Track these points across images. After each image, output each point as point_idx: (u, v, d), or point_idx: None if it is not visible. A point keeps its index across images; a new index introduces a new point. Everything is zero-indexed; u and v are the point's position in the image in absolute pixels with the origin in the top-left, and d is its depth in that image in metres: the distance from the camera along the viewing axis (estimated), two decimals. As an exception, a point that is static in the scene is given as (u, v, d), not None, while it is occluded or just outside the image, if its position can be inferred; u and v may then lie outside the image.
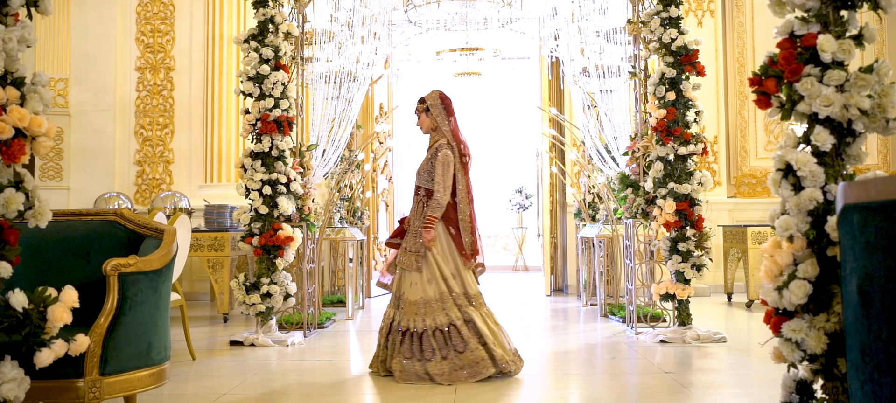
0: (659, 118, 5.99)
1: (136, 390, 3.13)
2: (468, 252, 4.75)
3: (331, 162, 6.75)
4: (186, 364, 5.09)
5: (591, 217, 8.61)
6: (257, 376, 4.73)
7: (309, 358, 5.41)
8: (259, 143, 5.98)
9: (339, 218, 8.38)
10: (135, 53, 10.11)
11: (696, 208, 5.95)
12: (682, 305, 6.05)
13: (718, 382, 4.45)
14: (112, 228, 3.49)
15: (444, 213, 4.73)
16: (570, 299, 9.37)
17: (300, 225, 6.26)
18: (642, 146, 6.31)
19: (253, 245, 5.95)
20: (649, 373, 4.74)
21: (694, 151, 5.94)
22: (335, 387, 4.46)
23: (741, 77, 10.40)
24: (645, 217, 6.22)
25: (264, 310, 5.94)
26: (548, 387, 4.46)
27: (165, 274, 3.25)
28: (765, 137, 10.35)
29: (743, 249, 8.31)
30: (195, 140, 9.94)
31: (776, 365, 2.62)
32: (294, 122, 6.18)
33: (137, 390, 3.14)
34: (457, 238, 4.75)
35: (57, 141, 9.89)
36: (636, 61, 6.49)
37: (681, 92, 5.98)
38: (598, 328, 6.85)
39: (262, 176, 5.95)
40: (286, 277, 6.01)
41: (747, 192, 10.25)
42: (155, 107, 10.08)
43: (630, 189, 6.37)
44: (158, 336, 3.23)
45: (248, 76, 6.02)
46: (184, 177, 9.95)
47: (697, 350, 5.51)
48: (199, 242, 7.44)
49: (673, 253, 5.97)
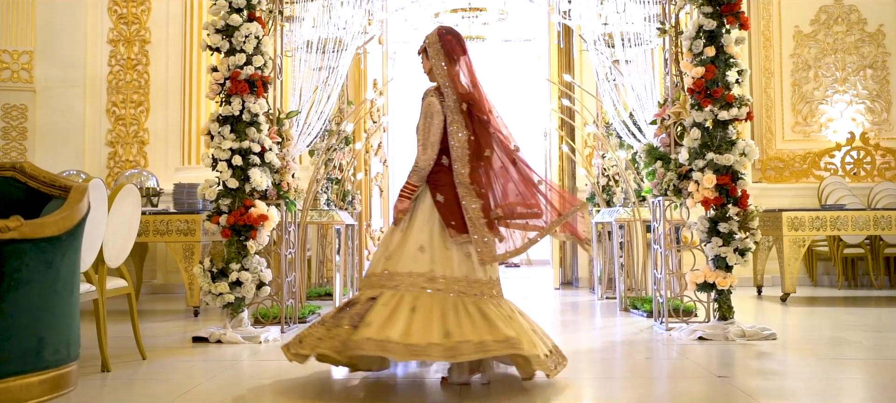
0: (696, 77, 5.12)
1: (21, 402, 2.26)
2: (459, 224, 3.71)
3: (314, 131, 5.87)
4: (133, 364, 4.22)
5: (606, 201, 7.75)
6: (215, 380, 3.86)
7: (284, 358, 4.53)
8: (228, 106, 5.11)
9: (326, 200, 7.51)
10: (107, 24, 9.25)
11: (740, 182, 5.08)
12: (722, 296, 5.18)
13: (788, 389, 3.58)
14: (6, 186, 2.63)
15: (434, 177, 3.81)
16: (581, 292, 8.51)
17: (277, 203, 5.40)
18: (674, 112, 5.44)
19: (220, 224, 5.08)
20: (697, 377, 3.87)
21: (737, 116, 5.08)
22: (315, 393, 3.59)
23: (767, 52, 9.56)
24: (677, 194, 5.35)
25: (234, 302, 5.07)
26: (576, 396, 3.58)
27: (67, 245, 2.38)
28: (792, 118, 9.49)
29: (776, 236, 7.45)
30: (172, 119, 9.09)
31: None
32: (270, 83, 5.31)
33: (24, 402, 2.27)
34: (444, 206, 3.75)
35: (20, 119, 9.02)
36: (666, 15, 5.62)
37: (721, 47, 5.11)
38: (620, 323, 5.99)
39: (231, 143, 5.08)
40: (260, 263, 5.14)
41: (774, 177, 9.40)
42: (128, 84, 9.23)
43: (659, 162, 5.50)
44: (56, 328, 2.36)
45: (216, 27, 5.15)
46: (160, 159, 9.10)
47: (744, 348, 4.65)
48: (167, 226, 6.58)
49: (712, 235, 5.11)
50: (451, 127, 3.80)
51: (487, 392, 3.45)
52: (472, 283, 3.66)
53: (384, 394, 3.55)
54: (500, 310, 3.63)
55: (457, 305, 3.56)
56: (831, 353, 4.59)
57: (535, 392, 3.46)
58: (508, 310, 3.69)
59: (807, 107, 9.49)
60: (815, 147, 9.38)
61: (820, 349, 4.75)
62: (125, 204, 4.06)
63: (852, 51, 9.46)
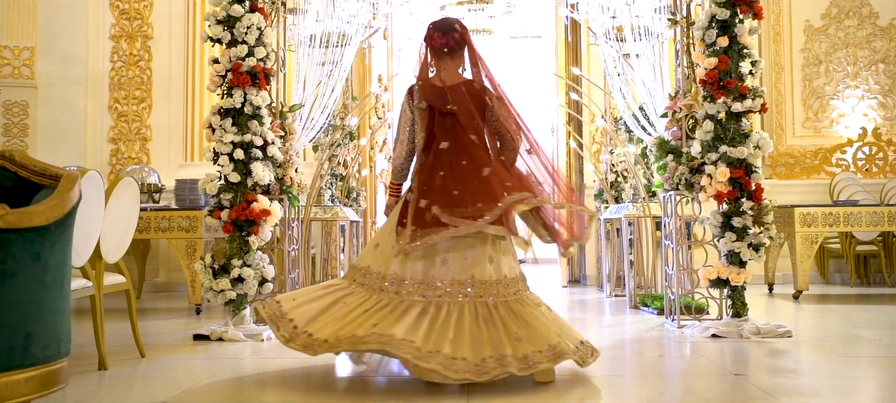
0: (708, 68, 4.99)
1: (5, 400, 2.15)
2: (405, 221, 3.62)
3: (318, 126, 5.76)
4: (131, 363, 4.11)
5: (615, 198, 7.62)
6: (215, 378, 3.75)
7: (287, 355, 4.43)
8: (229, 98, 4.99)
9: (331, 197, 7.39)
10: (109, 20, 9.15)
11: (754, 176, 4.95)
12: (735, 293, 5.05)
13: (808, 387, 3.44)
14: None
15: (418, 176, 3.76)
16: (588, 290, 8.39)
17: (280, 198, 5.28)
18: (685, 105, 5.31)
19: (222, 220, 4.97)
20: (713, 374, 3.75)
21: (751, 108, 4.95)
22: (318, 390, 3.47)
23: (777, 47, 9.42)
24: (689, 188, 5.22)
25: (235, 298, 4.96)
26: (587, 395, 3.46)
27: (56, 236, 2.27)
28: (803, 113, 9.36)
29: (788, 233, 7.31)
30: (175, 115, 8.98)
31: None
32: (272, 76, 5.19)
33: (9, 400, 2.16)
34: (404, 205, 3.72)
35: (21, 116, 8.93)
36: (677, 6, 5.49)
37: (735, 36, 4.98)
38: (630, 320, 5.86)
39: (232, 137, 4.96)
40: (262, 259, 5.02)
41: (784, 173, 9.26)
42: (131, 80, 9.13)
43: (670, 156, 5.36)
44: (44, 323, 2.25)
45: (217, 18, 5.04)
46: (162, 156, 9.00)
47: (759, 346, 4.52)
48: (169, 223, 6.47)
49: (725, 230, 4.98)
50: (416, 125, 3.86)
51: (495, 389, 3.33)
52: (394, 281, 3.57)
53: (389, 391, 3.43)
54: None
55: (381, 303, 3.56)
56: (849, 351, 4.46)
57: (545, 391, 3.34)
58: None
59: (818, 103, 9.35)
60: (826, 143, 9.24)
61: (837, 346, 4.62)
62: (123, 197, 3.95)
63: (864, 45, 9.31)
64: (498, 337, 3.31)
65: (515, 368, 3.22)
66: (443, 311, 3.41)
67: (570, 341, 3.48)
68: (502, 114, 3.84)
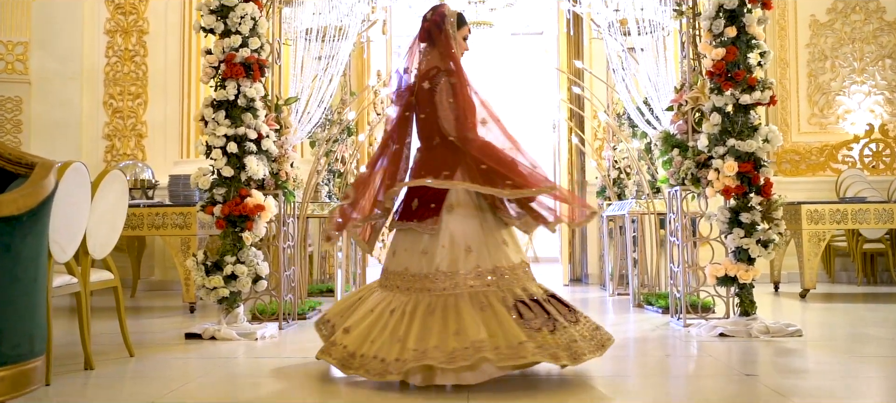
0: (715, 59, 4.85)
1: (-27, 402, 2.01)
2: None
3: (314, 119, 5.62)
4: (120, 362, 3.96)
5: (617, 194, 7.48)
6: (205, 378, 3.60)
7: (281, 354, 4.29)
8: (222, 90, 4.85)
9: (328, 193, 7.25)
10: (104, 15, 9.00)
11: (762, 170, 4.81)
12: (743, 290, 4.91)
13: (824, 388, 3.30)
14: (-33, 164, 2.37)
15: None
16: (591, 289, 8.25)
17: (275, 193, 5.14)
18: (691, 97, 5.17)
19: (214, 215, 4.83)
20: (722, 375, 3.60)
21: (760, 100, 4.80)
22: (315, 393, 3.33)
23: (782, 41, 9.27)
24: (695, 183, 5.08)
25: (228, 296, 4.81)
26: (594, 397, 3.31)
27: (28, 227, 2.13)
28: (808, 109, 9.20)
29: (795, 230, 7.16)
30: (170, 112, 8.84)
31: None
32: (267, 67, 5.04)
33: (-23, 402, 2.02)
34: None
35: (14, 112, 8.79)
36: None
37: (743, 27, 4.83)
38: (634, 319, 5.72)
39: (226, 130, 4.82)
40: (256, 255, 4.88)
41: (790, 170, 9.10)
42: (126, 75, 8.98)
43: (676, 150, 5.22)
44: (15, 320, 2.11)
45: (211, 8, 4.90)
46: (158, 152, 8.85)
47: (768, 345, 4.37)
48: (162, 219, 6.34)
49: (733, 226, 4.83)
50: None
51: (497, 390, 3.18)
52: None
53: (386, 389, 3.29)
54: None
55: None
56: (860, 350, 4.32)
57: (548, 392, 3.19)
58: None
59: (823, 99, 9.20)
60: (832, 139, 9.09)
61: (848, 345, 4.48)
62: (110, 191, 3.81)
63: (870, 40, 9.15)
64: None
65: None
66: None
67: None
68: (441, 98, 3.64)
